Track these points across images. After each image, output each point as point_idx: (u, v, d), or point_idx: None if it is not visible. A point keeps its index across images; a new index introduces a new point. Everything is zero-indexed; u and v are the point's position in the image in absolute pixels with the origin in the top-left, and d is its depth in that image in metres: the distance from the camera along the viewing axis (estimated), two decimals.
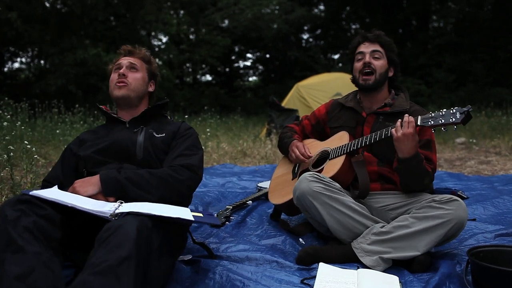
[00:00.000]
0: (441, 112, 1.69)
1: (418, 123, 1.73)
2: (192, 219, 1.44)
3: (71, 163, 1.80)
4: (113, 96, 1.86)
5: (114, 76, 1.87)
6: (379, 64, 2.00)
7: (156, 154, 1.77)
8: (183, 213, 1.47)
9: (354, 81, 2.07)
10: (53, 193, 1.41)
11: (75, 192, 1.50)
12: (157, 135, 1.82)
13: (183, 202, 1.67)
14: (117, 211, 1.37)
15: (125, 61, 1.88)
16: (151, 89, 1.96)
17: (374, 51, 2.01)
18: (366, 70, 1.99)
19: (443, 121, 1.66)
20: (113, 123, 1.90)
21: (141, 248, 1.22)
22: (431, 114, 1.73)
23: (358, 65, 2.04)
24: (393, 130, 1.77)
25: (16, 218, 1.26)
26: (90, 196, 1.49)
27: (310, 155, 2.11)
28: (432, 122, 1.69)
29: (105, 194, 1.51)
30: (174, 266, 1.65)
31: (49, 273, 1.21)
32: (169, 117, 2.02)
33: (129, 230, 1.22)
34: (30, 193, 1.36)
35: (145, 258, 1.24)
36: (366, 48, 2.03)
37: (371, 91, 2.02)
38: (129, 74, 1.85)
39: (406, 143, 1.73)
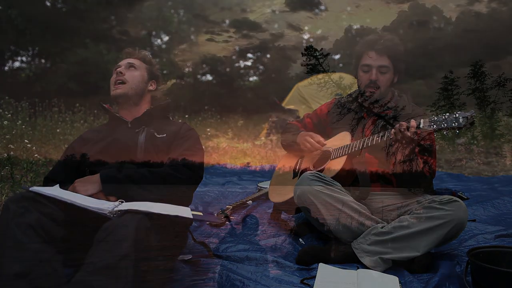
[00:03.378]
0: (444, 116, 1.67)
1: (421, 126, 1.72)
2: (191, 216, 1.45)
3: (73, 161, 1.81)
4: (112, 95, 1.90)
5: (113, 77, 1.92)
6: (385, 79, 1.97)
7: (157, 154, 1.78)
8: (183, 211, 1.47)
9: (359, 89, 2.06)
10: (54, 191, 1.42)
11: (75, 191, 1.51)
12: (158, 136, 1.83)
13: (183, 201, 1.67)
14: (116, 209, 1.37)
15: (124, 61, 1.94)
16: (151, 87, 1.98)
17: (381, 66, 1.95)
18: (372, 86, 1.97)
19: (445, 125, 1.64)
20: (116, 122, 1.91)
21: (139, 247, 1.22)
22: (433, 117, 1.71)
23: (364, 77, 2.00)
24: (392, 131, 1.77)
25: (20, 214, 1.27)
26: (90, 195, 1.49)
27: (325, 142, 2.08)
28: (435, 125, 1.68)
29: (105, 193, 1.52)
30: (174, 266, 1.65)
31: (50, 271, 1.21)
32: (170, 118, 2.04)
33: (127, 229, 1.23)
34: (30, 188, 1.37)
35: (144, 257, 1.24)
36: (373, 61, 1.96)
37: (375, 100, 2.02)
38: (127, 73, 1.90)
39: (404, 145, 1.74)
